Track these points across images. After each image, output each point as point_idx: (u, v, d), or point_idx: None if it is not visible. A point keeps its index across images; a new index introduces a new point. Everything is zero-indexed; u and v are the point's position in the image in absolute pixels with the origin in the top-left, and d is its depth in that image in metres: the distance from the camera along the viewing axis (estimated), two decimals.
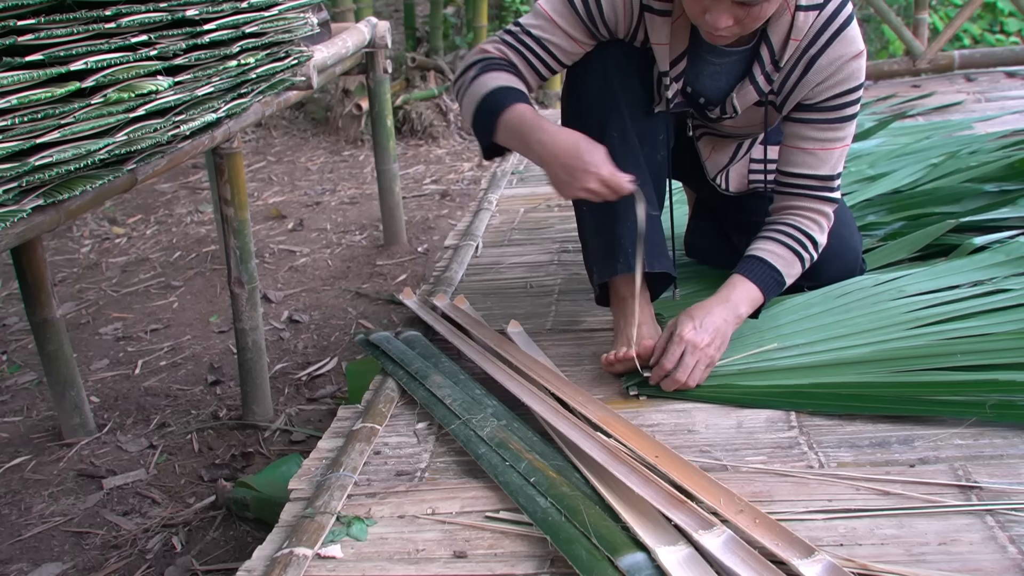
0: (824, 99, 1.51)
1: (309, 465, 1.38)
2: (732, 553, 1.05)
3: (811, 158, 1.55)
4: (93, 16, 1.37)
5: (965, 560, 1.05)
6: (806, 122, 1.54)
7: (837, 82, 1.49)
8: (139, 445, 2.17)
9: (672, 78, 1.54)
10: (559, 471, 1.25)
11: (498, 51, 1.57)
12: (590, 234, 1.64)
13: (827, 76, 1.49)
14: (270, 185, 4.28)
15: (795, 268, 1.57)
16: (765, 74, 1.52)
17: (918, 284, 1.68)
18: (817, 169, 1.56)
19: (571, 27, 1.54)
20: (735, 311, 1.50)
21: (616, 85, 1.57)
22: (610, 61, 1.57)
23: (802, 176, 1.57)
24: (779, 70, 1.51)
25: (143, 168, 1.65)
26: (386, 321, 2.76)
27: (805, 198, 1.58)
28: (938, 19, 5.35)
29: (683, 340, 1.44)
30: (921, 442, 1.29)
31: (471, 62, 1.56)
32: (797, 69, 1.50)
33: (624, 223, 1.54)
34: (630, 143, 1.57)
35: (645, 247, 1.49)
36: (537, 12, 1.56)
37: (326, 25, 2.60)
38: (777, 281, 1.56)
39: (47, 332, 2.06)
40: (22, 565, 1.77)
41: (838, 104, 1.51)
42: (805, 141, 1.55)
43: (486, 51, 1.58)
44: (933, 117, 3.13)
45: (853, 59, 1.48)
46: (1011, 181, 2.15)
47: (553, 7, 1.54)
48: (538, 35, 1.55)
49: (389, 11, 5.99)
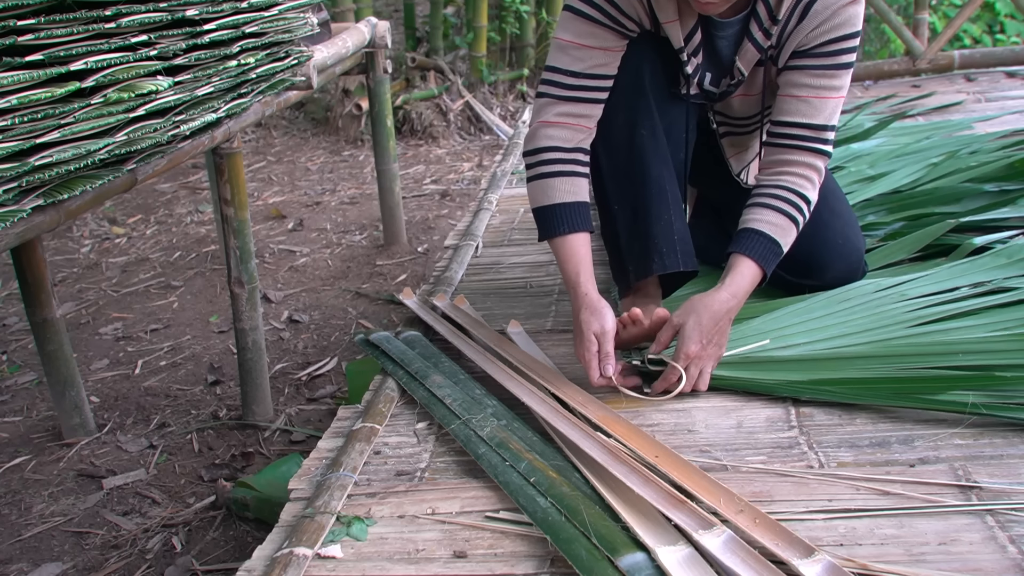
0: (819, 44, 1.50)
1: (309, 465, 1.38)
2: (732, 553, 1.05)
3: (805, 106, 1.54)
4: (93, 16, 1.37)
5: (965, 560, 1.05)
6: (801, 68, 1.53)
7: (833, 27, 1.49)
8: (139, 445, 2.17)
9: (689, 53, 1.55)
10: (559, 471, 1.25)
11: (562, 118, 1.57)
12: (624, 235, 1.64)
13: (822, 20, 1.48)
14: (270, 185, 4.28)
15: (791, 234, 1.55)
16: (764, 30, 1.52)
17: (920, 288, 1.67)
18: (811, 118, 1.54)
19: (603, 41, 1.54)
20: (736, 297, 1.50)
21: (646, 80, 1.58)
22: (639, 55, 1.57)
23: (795, 125, 1.55)
24: (777, 23, 1.50)
25: (143, 168, 1.65)
26: (386, 321, 2.76)
27: (797, 150, 1.55)
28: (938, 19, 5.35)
29: (689, 357, 1.44)
30: (921, 442, 1.29)
31: (540, 147, 1.58)
32: (794, 18, 1.50)
33: (658, 223, 1.59)
34: (659, 139, 1.59)
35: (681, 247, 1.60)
36: (562, 46, 1.55)
37: (326, 25, 2.60)
38: (776, 253, 1.54)
39: (47, 332, 2.06)
40: (22, 565, 1.77)
41: (833, 50, 1.51)
42: (799, 88, 1.54)
43: (550, 123, 1.57)
44: (933, 117, 3.13)
45: (849, 4, 1.48)
46: (1011, 181, 2.15)
47: (576, 32, 1.53)
48: (581, 70, 1.55)
49: (389, 11, 5.99)
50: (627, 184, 1.62)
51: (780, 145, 1.57)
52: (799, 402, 1.43)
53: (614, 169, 1.63)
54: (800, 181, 1.55)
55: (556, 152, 1.57)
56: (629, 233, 1.63)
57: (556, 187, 1.57)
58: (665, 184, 1.58)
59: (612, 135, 1.61)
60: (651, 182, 1.59)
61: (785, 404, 1.43)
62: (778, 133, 1.57)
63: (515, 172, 2.96)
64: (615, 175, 1.63)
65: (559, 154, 1.57)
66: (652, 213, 1.58)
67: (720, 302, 1.47)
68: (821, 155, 1.56)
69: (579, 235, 1.56)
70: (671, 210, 1.60)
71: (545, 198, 1.58)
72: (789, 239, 1.55)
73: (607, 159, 1.64)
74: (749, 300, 1.66)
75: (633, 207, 1.60)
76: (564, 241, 1.56)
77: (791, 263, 1.63)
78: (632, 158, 1.59)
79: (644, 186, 1.59)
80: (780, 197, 1.55)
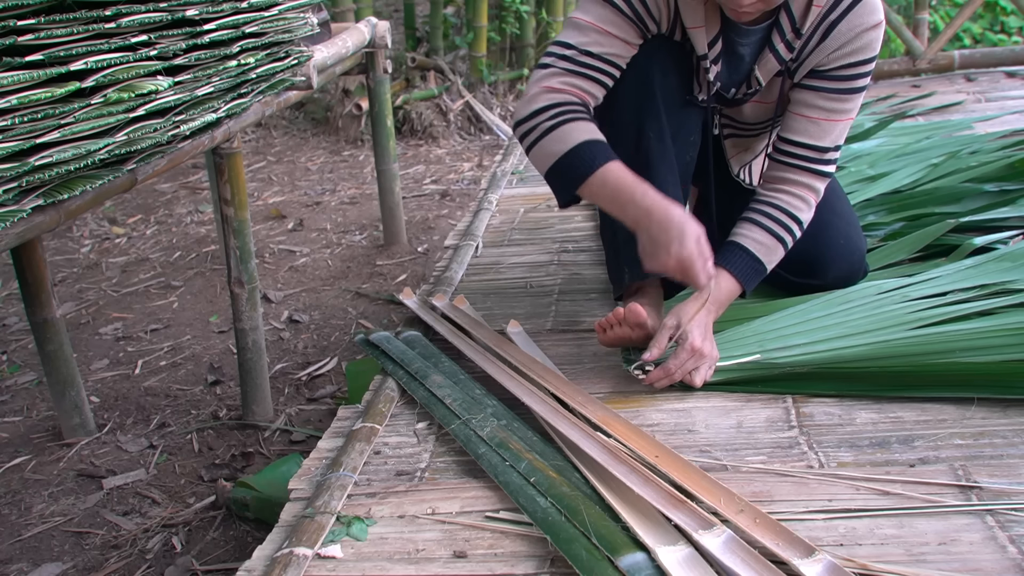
0: (837, 66, 1.51)
1: (309, 465, 1.38)
2: (732, 553, 1.05)
3: (813, 127, 1.54)
4: (93, 16, 1.37)
5: (965, 560, 1.05)
6: (815, 89, 1.54)
7: (853, 50, 1.49)
8: (139, 445, 2.17)
9: (712, 60, 1.54)
10: (559, 471, 1.25)
11: (566, 86, 1.51)
12: (623, 236, 1.62)
13: (844, 43, 1.49)
14: (270, 185, 4.28)
15: (777, 254, 1.57)
16: (786, 42, 1.51)
17: (922, 290, 1.67)
18: (817, 140, 1.55)
19: (624, 32, 1.52)
20: (719, 308, 1.53)
21: (656, 82, 1.57)
22: (650, 56, 1.56)
23: (800, 145, 1.56)
24: (800, 37, 1.50)
25: (143, 168, 1.65)
26: (386, 321, 2.76)
27: (798, 170, 1.56)
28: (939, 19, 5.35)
29: (694, 350, 1.45)
30: (921, 442, 1.29)
31: (543, 106, 1.49)
32: (816, 34, 1.50)
33: None
34: (666, 144, 1.58)
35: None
36: (581, 26, 1.51)
37: (326, 25, 2.60)
38: (758, 271, 1.56)
39: (47, 332, 2.06)
40: (22, 565, 1.77)
41: (850, 74, 1.51)
42: (811, 109, 1.54)
43: (553, 89, 1.50)
44: (933, 117, 3.13)
45: (872, 28, 1.48)
46: (1011, 181, 2.15)
47: (600, 16, 1.50)
48: (598, 52, 1.51)
49: (389, 11, 5.99)
50: None
51: (783, 163, 1.58)
52: (799, 402, 1.43)
53: None
54: (795, 202, 1.57)
55: (563, 106, 1.49)
56: (627, 234, 1.62)
57: (573, 129, 1.46)
58: (669, 188, 1.57)
59: (619, 135, 1.60)
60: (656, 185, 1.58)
61: (785, 404, 1.44)
62: (782, 150, 1.58)
63: (515, 172, 2.96)
64: None
65: (566, 107, 1.49)
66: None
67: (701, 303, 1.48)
68: (821, 176, 1.57)
69: (617, 162, 1.45)
70: None
71: (563, 145, 1.46)
72: (774, 258, 1.57)
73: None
74: (749, 300, 1.66)
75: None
76: (606, 171, 1.43)
77: (792, 263, 1.63)
78: (637, 160, 1.57)
79: None
80: (771, 217, 1.56)
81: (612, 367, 1.60)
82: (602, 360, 1.63)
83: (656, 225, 1.39)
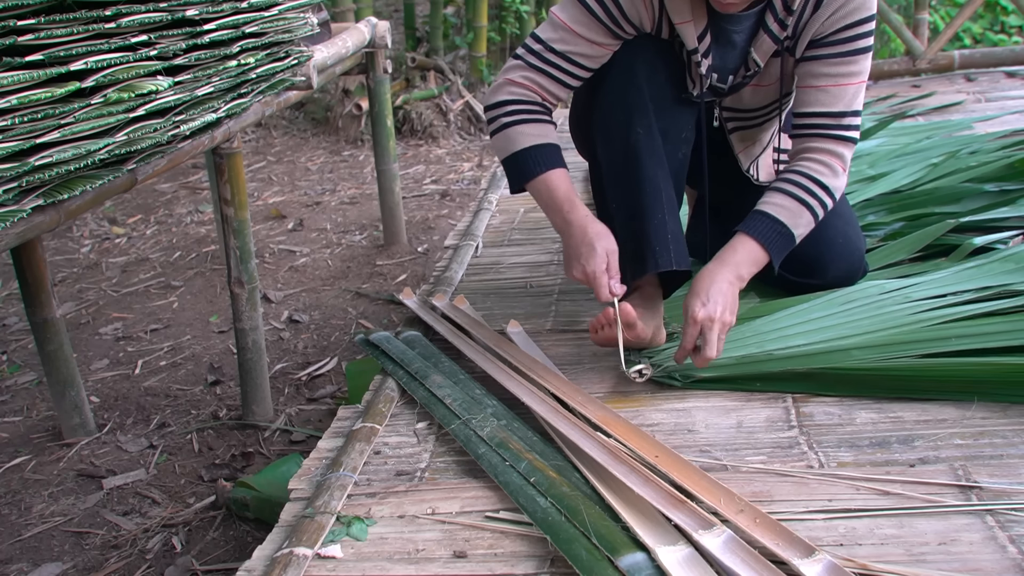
0: (835, 31, 1.51)
1: (309, 465, 1.38)
2: (732, 553, 1.05)
3: (824, 95, 1.54)
4: (93, 16, 1.37)
5: (965, 560, 1.05)
6: (818, 58, 1.54)
7: (847, 12, 1.49)
8: (139, 445, 2.17)
9: (702, 54, 1.55)
10: (559, 471, 1.25)
11: (528, 82, 1.60)
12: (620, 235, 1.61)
13: (837, 8, 1.49)
14: (270, 185, 4.28)
15: (803, 217, 1.54)
16: (779, 21, 1.52)
17: (923, 291, 1.66)
18: (830, 106, 1.54)
19: (593, 33, 1.54)
20: (736, 272, 1.49)
21: (643, 79, 1.57)
22: (637, 55, 1.57)
23: (815, 115, 1.55)
24: (792, 13, 1.51)
25: (143, 168, 1.65)
26: (386, 321, 2.76)
27: (817, 138, 1.55)
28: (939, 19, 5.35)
29: (696, 322, 1.44)
30: (921, 442, 1.29)
31: (504, 99, 1.61)
32: (808, 7, 1.50)
33: (651, 223, 1.56)
34: (655, 139, 1.58)
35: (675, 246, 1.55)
36: (555, 24, 1.57)
37: (326, 25, 2.60)
38: (782, 233, 1.52)
39: (47, 332, 2.06)
40: (22, 565, 1.77)
41: (849, 36, 1.51)
42: (818, 78, 1.54)
43: (516, 83, 1.61)
44: (933, 117, 3.13)
45: None
46: (1011, 181, 2.15)
47: (571, 16, 1.54)
48: (562, 49, 1.56)
49: (389, 11, 5.99)
50: (623, 184, 1.61)
51: (801, 135, 1.58)
52: (799, 402, 1.43)
53: (611, 169, 1.63)
54: (816, 167, 1.55)
55: (519, 104, 1.61)
56: (624, 233, 1.62)
57: (524, 132, 1.59)
58: (660, 183, 1.57)
59: (609, 134, 1.61)
60: (645, 181, 1.58)
61: (785, 404, 1.44)
62: (799, 124, 1.58)
63: None
64: (612, 175, 1.63)
65: (523, 105, 1.61)
66: (646, 212, 1.56)
67: (710, 269, 1.49)
68: (842, 141, 1.55)
69: (558, 171, 1.58)
70: (665, 209, 1.59)
71: (513, 145, 1.59)
72: (801, 221, 1.54)
73: (605, 159, 1.64)
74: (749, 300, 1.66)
75: (628, 207, 1.58)
76: (545, 179, 1.57)
77: (792, 262, 1.63)
78: (627, 157, 1.58)
79: (638, 185, 1.59)
80: (792, 181, 1.55)
81: (612, 367, 1.60)
82: (602, 360, 1.63)
83: (573, 238, 1.53)
